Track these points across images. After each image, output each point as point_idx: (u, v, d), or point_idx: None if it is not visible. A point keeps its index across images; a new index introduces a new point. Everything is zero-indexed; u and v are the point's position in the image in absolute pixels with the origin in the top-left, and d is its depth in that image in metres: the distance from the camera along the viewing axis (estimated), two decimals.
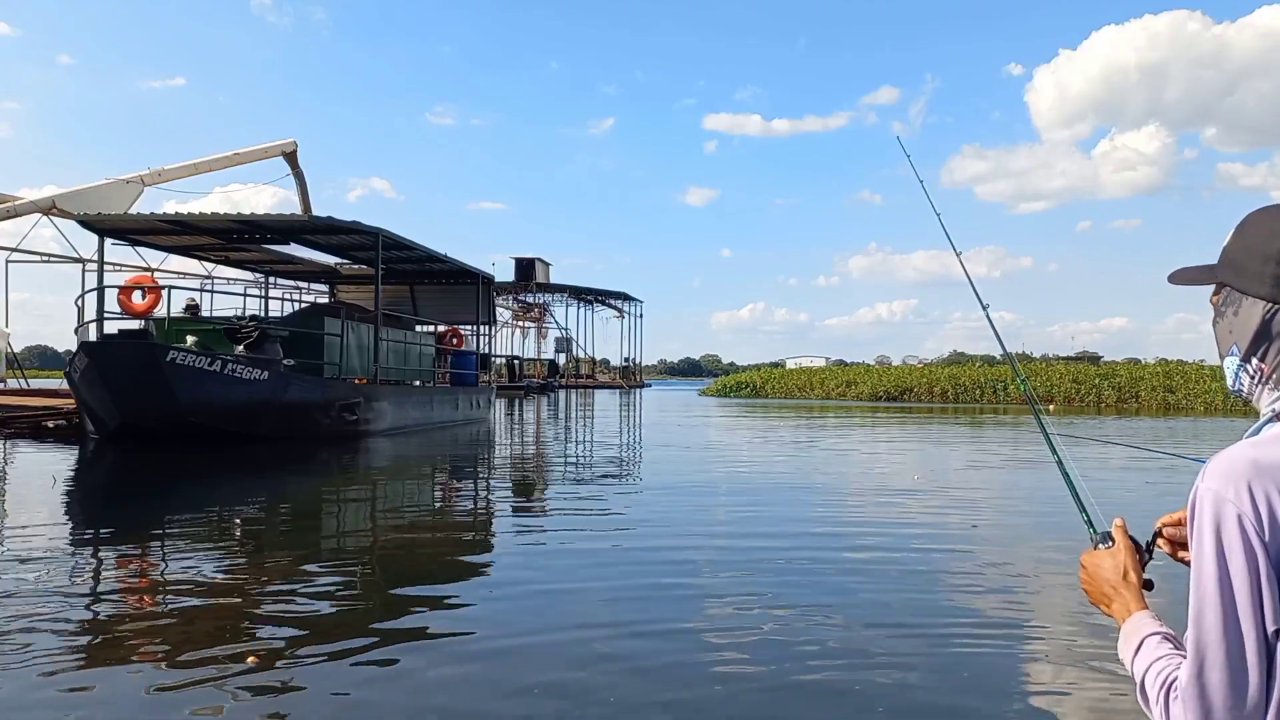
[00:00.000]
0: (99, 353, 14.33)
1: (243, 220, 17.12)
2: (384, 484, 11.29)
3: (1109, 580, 1.30)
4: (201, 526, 7.87)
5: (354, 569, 6.39)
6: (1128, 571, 1.30)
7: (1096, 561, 1.34)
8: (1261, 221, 1.17)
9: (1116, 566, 1.31)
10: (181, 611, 4.99)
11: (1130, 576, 1.29)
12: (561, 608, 5.03)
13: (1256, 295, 1.14)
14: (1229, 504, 1.02)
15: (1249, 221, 1.19)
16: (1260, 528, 1.00)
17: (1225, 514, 1.02)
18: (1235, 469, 1.04)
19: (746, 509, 8.91)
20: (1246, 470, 1.03)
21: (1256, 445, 1.08)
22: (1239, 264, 1.17)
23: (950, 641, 4.42)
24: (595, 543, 7.12)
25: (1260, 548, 1.00)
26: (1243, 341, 1.17)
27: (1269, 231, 1.15)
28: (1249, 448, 1.07)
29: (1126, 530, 1.36)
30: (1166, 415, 31.50)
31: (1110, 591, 1.30)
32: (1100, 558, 1.34)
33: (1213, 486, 1.04)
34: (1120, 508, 1.56)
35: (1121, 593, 1.28)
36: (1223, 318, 1.21)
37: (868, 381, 49.69)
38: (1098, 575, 1.33)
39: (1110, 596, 1.29)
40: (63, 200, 21.56)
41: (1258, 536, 1.00)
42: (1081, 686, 3.80)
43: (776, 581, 5.65)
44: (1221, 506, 1.03)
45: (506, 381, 46.78)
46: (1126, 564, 1.30)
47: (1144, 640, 1.18)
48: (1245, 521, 1.01)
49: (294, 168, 26.83)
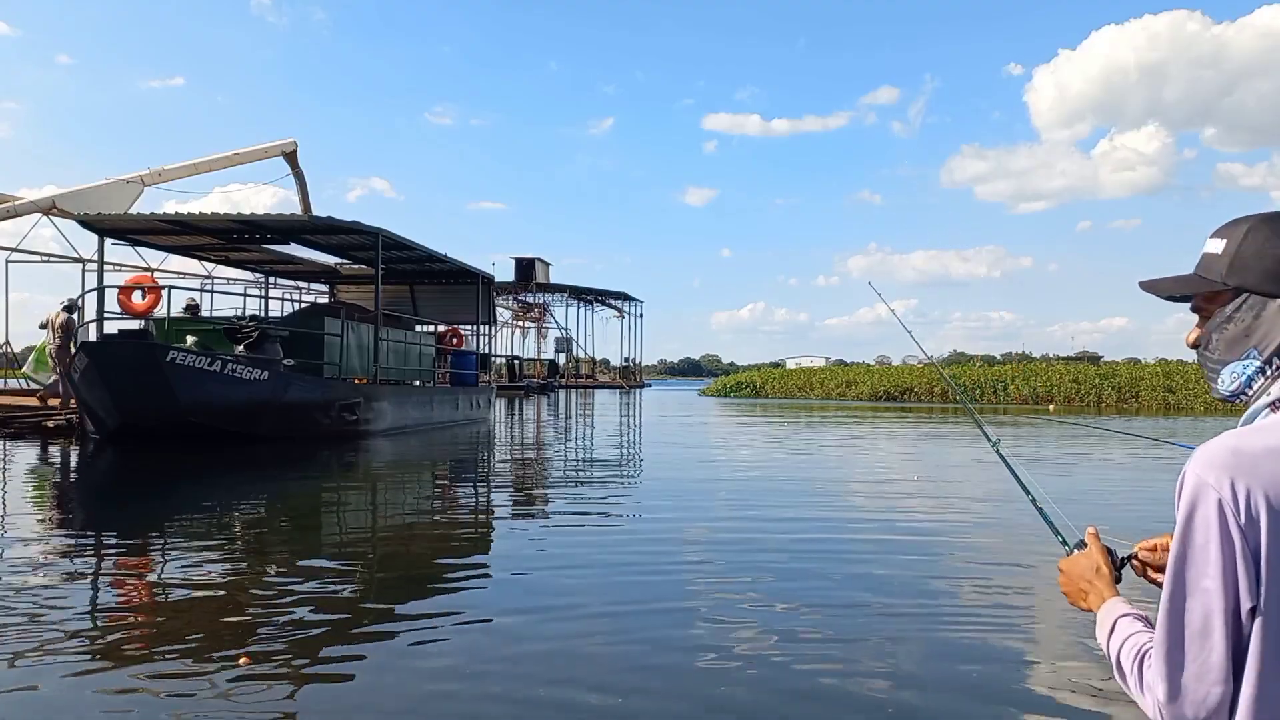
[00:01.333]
0: (99, 353, 14.33)
1: (243, 220, 17.12)
2: (384, 484, 11.29)
3: (1083, 576, 1.40)
4: (201, 526, 7.87)
5: (353, 569, 6.40)
6: (1100, 566, 1.39)
7: (1072, 563, 1.44)
8: (1270, 225, 1.21)
9: (1090, 564, 1.40)
10: (181, 611, 4.99)
11: (1103, 570, 1.39)
12: (562, 607, 5.02)
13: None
14: (1210, 489, 1.08)
15: (1257, 227, 1.22)
16: (1238, 511, 1.07)
17: (1207, 498, 1.08)
18: (1219, 456, 1.10)
19: (747, 508, 8.90)
20: (1229, 458, 1.09)
21: (1242, 435, 1.14)
22: (1265, 269, 1.20)
23: (950, 641, 4.42)
24: (595, 542, 7.12)
25: (1237, 530, 1.06)
26: (1268, 343, 1.20)
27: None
28: (1234, 437, 1.13)
29: (1099, 537, 1.45)
30: (1167, 415, 31.49)
31: (1085, 586, 1.39)
32: (1075, 559, 1.44)
33: (1197, 471, 1.11)
34: (1119, 507, 1.59)
35: (1095, 584, 1.38)
36: (1234, 322, 1.23)
37: (868, 381, 49.66)
38: (1073, 573, 1.42)
39: (1086, 590, 1.39)
40: (63, 200, 21.54)
41: (1235, 520, 1.07)
42: (1087, 677, 3.80)
43: (775, 580, 5.65)
44: (1204, 491, 1.09)
45: (506, 381, 46.77)
46: (1099, 561, 1.40)
47: (1117, 621, 1.27)
48: (1225, 506, 1.07)
49: (294, 168, 26.82)
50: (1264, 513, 1.06)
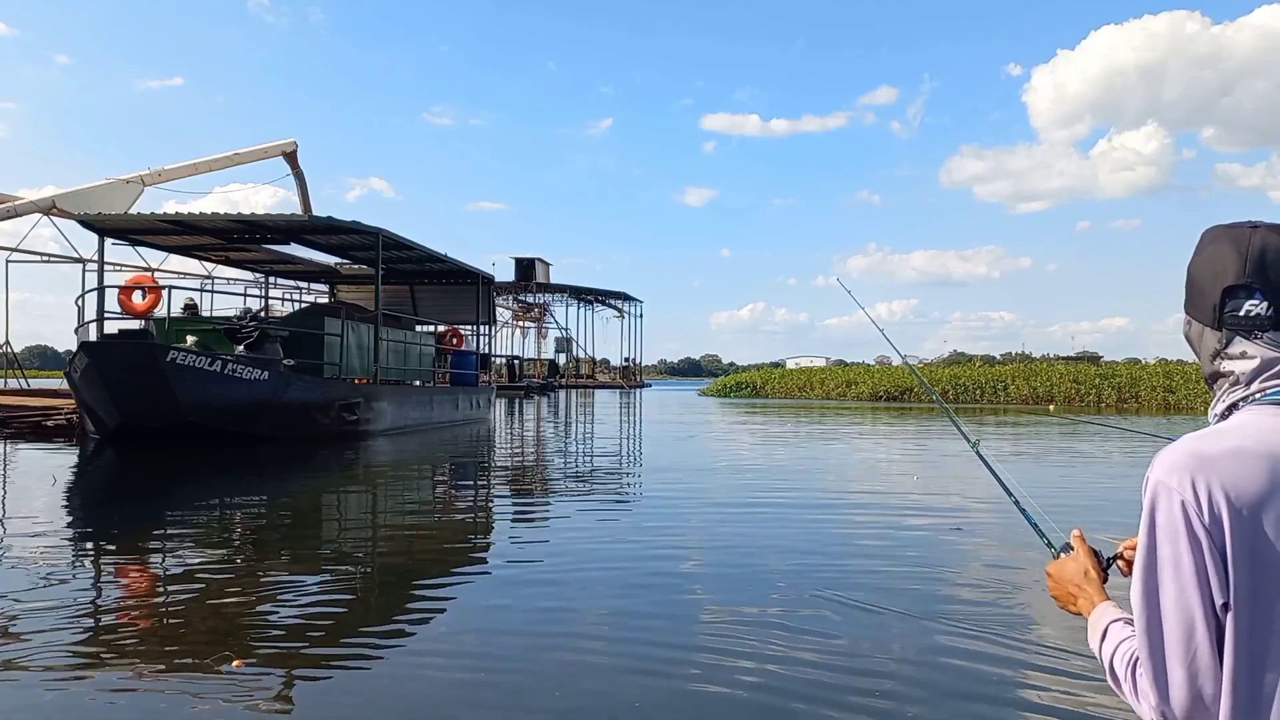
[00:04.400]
0: (99, 352, 14.33)
1: (243, 220, 17.13)
2: (383, 484, 11.29)
3: (1072, 580, 1.41)
4: (201, 526, 7.87)
5: (353, 569, 6.40)
6: (1089, 570, 1.40)
7: (1060, 566, 1.45)
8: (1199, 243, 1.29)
9: (1078, 568, 1.41)
10: (181, 611, 4.99)
11: (1092, 574, 1.40)
12: (562, 607, 5.02)
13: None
14: (1173, 491, 1.11)
15: (1197, 247, 1.30)
16: (1201, 511, 1.10)
17: (1170, 501, 1.11)
18: (1179, 460, 1.13)
19: (746, 508, 8.90)
20: (1189, 461, 1.12)
21: (1200, 437, 1.17)
22: (1188, 291, 1.29)
23: (951, 640, 4.42)
24: (595, 541, 7.12)
25: (1202, 530, 1.09)
26: (1204, 367, 1.30)
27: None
28: (1193, 440, 1.16)
29: (1084, 539, 1.47)
30: (1167, 414, 31.49)
31: (1075, 590, 1.40)
32: (1063, 563, 1.45)
33: (1159, 476, 1.14)
34: (1116, 511, 1.60)
35: (1085, 588, 1.38)
36: (1189, 341, 1.34)
37: (868, 381, 49.62)
38: (1062, 578, 1.43)
39: (1075, 594, 1.40)
40: (63, 200, 21.55)
41: (1199, 520, 1.10)
42: (1084, 679, 3.81)
43: (776, 580, 5.65)
44: (1166, 494, 1.12)
45: (506, 381, 46.78)
46: (1087, 564, 1.41)
47: (1109, 626, 1.28)
48: (1188, 507, 1.10)
49: (294, 168, 26.85)
50: (1225, 511, 1.09)
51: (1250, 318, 1.19)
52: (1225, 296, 1.20)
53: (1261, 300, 1.18)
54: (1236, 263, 1.19)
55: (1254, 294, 1.19)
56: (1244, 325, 1.20)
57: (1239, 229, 1.22)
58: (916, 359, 65.66)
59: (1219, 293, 1.21)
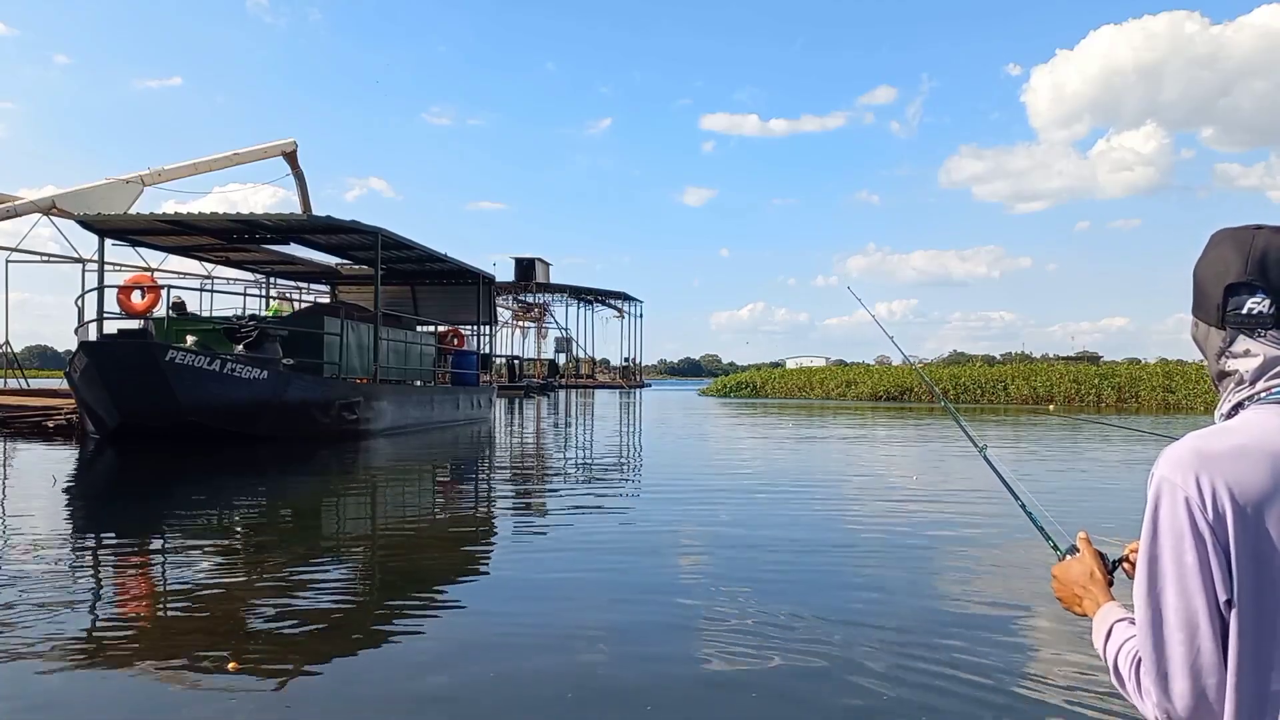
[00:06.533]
0: (99, 352, 14.33)
1: (242, 220, 17.13)
2: (383, 484, 11.29)
3: (1078, 582, 1.42)
4: (201, 526, 7.86)
5: (353, 569, 6.40)
6: (1094, 571, 1.41)
7: (1065, 568, 1.46)
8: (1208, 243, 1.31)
9: (1084, 570, 1.43)
10: (180, 611, 4.99)
11: (1097, 576, 1.41)
12: (562, 607, 5.02)
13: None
14: (1177, 488, 1.13)
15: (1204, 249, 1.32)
16: (1205, 508, 1.11)
17: (1174, 497, 1.13)
18: (1183, 457, 1.15)
19: (746, 508, 8.90)
20: (1193, 459, 1.14)
21: (1204, 435, 1.18)
22: (1193, 292, 1.31)
23: (950, 641, 4.42)
24: (595, 541, 7.11)
25: (1206, 526, 1.11)
26: (1208, 367, 1.32)
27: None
28: (1197, 438, 1.17)
29: (1090, 541, 1.48)
30: (1167, 414, 31.49)
31: (1080, 591, 1.41)
32: (1068, 565, 1.46)
33: (1164, 473, 1.15)
34: (1116, 510, 1.60)
35: (1090, 589, 1.40)
36: (1196, 341, 1.36)
37: (868, 381, 49.62)
38: (1067, 579, 1.44)
39: (1080, 596, 1.41)
40: (63, 200, 21.56)
41: (1203, 517, 1.11)
42: (1085, 680, 3.80)
43: (775, 580, 5.65)
44: (1170, 491, 1.13)
45: (506, 381, 46.78)
46: (1092, 566, 1.42)
47: (1113, 626, 1.29)
48: (1192, 504, 1.11)
49: (294, 168, 26.85)
50: (1229, 508, 1.10)
51: (1253, 315, 1.22)
52: (1228, 295, 1.23)
53: (1264, 298, 1.21)
54: (1239, 262, 1.22)
55: (1256, 292, 1.21)
56: (1247, 323, 1.22)
57: (1243, 231, 1.25)
58: (917, 359, 65.61)
59: (1222, 291, 1.24)
